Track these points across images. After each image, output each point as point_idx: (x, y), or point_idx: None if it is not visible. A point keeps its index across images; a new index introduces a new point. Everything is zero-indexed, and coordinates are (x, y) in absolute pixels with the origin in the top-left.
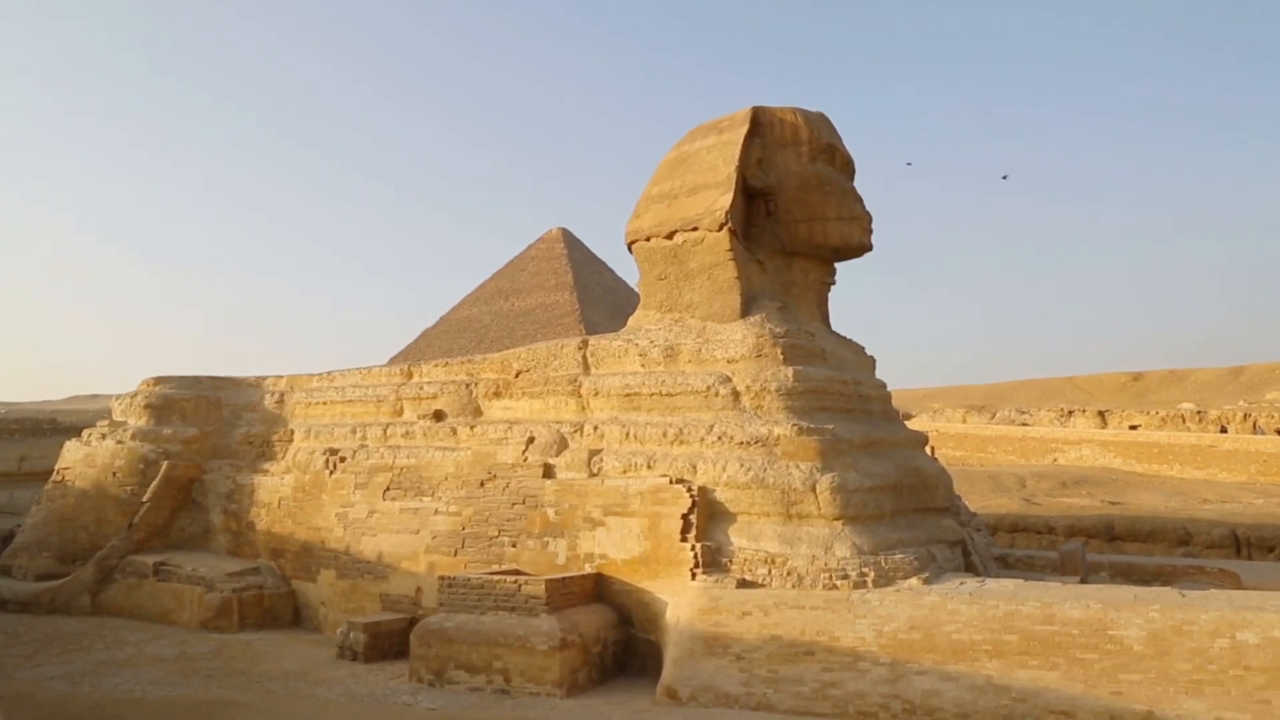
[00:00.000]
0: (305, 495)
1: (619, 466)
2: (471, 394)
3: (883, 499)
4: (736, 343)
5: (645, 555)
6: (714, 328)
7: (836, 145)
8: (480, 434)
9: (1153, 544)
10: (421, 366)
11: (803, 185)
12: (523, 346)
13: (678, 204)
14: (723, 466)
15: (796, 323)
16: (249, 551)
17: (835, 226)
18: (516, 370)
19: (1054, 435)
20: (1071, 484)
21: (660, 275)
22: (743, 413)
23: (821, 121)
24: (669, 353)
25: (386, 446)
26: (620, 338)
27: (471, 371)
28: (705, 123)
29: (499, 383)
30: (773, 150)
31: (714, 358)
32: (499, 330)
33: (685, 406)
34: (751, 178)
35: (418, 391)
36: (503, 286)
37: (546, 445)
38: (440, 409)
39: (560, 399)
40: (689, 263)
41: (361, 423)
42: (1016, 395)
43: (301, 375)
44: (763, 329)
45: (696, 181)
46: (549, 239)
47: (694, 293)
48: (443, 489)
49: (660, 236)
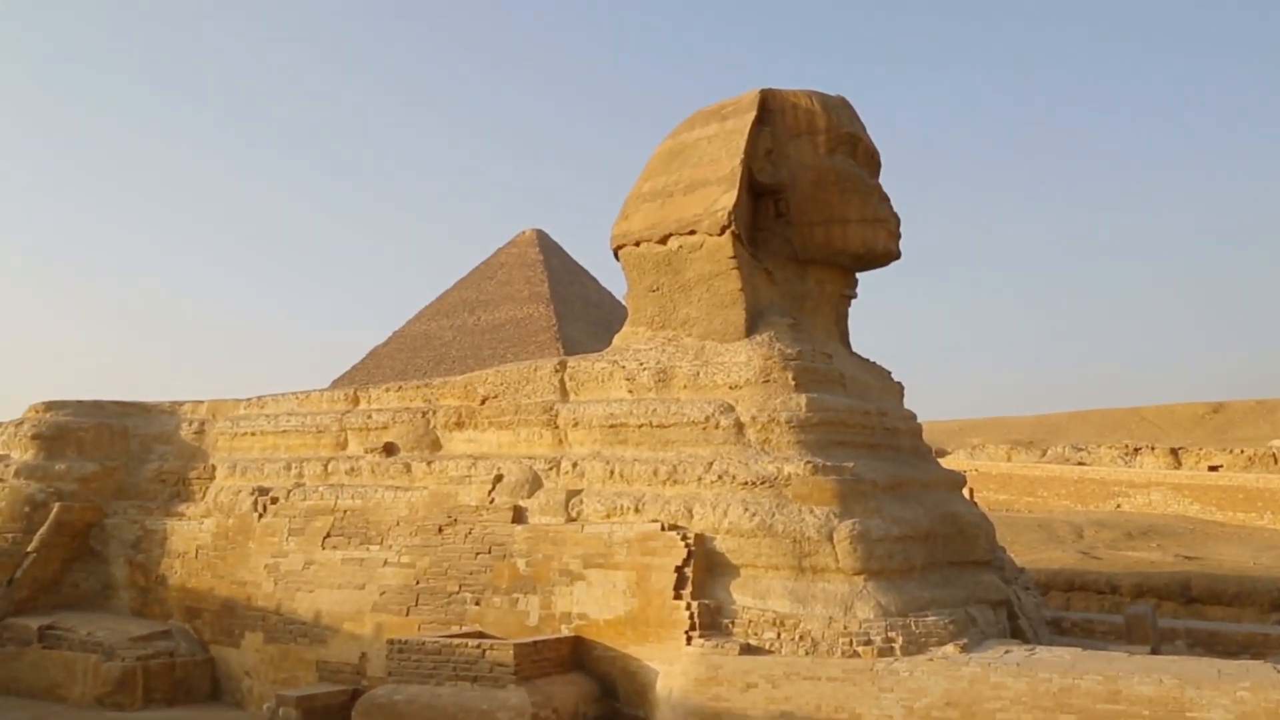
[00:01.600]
0: (229, 543)
1: (602, 510)
2: (429, 424)
3: (912, 550)
4: (740, 365)
5: (632, 615)
6: (714, 348)
7: (859, 135)
8: (439, 471)
9: (1239, 608)
10: (370, 391)
11: (819, 182)
12: (490, 368)
13: (673, 203)
14: (724, 511)
15: (811, 342)
16: (158, 611)
17: (857, 230)
18: (482, 396)
19: (1117, 476)
20: (1139, 534)
21: (652, 286)
22: (747, 448)
23: (841, 107)
24: (661, 376)
25: (327, 485)
26: (604, 359)
27: (429, 397)
28: (706, 108)
29: (461, 411)
30: (784, 141)
31: (714, 383)
32: (462, 349)
33: (680, 440)
34: (759, 173)
35: (365, 421)
36: (467, 298)
37: (517, 485)
38: (391, 441)
39: (533, 430)
40: (685, 272)
41: (298, 457)
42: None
43: (226, 400)
44: (771, 350)
45: (695, 177)
46: (521, 242)
47: (691, 307)
48: (394, 536)
49: (652, 241)
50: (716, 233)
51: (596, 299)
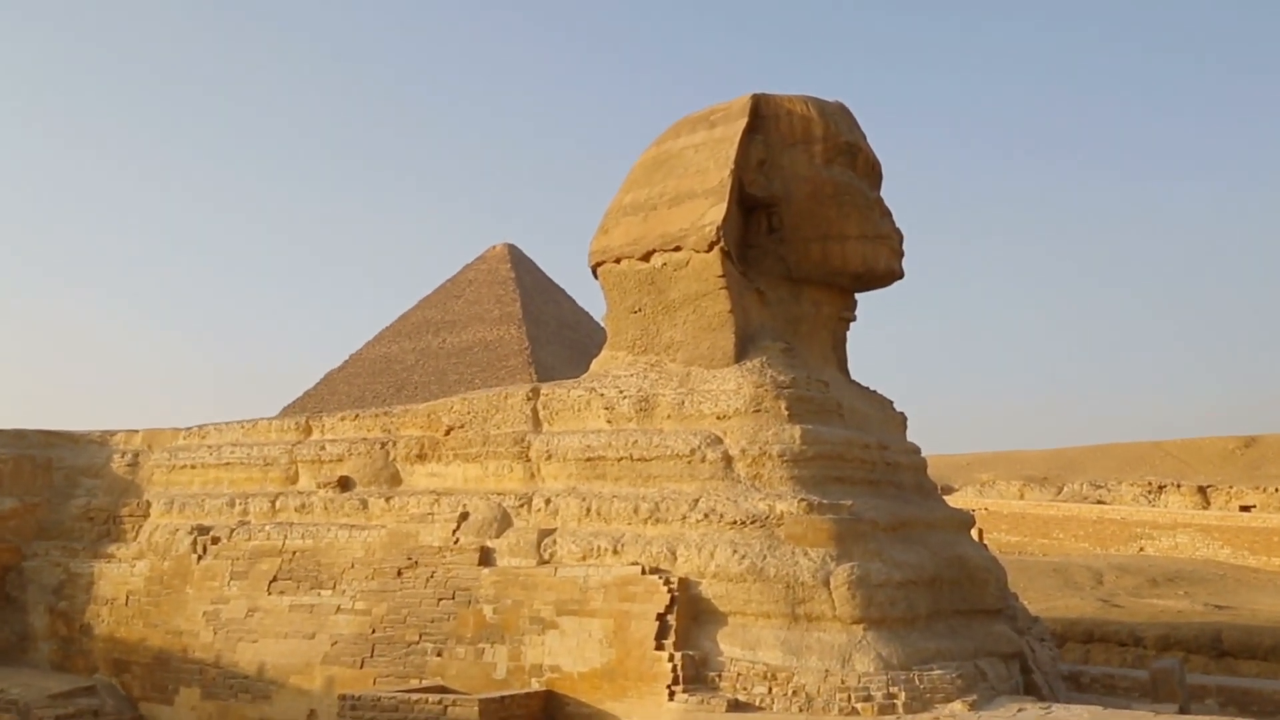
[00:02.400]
0: (163, 588)
1: (577, 551)
2: (388, 456)
3: (916, 597)
4: (729, 394)
5: (609, 667)
6: (701, 374)
7: (859, 144)
8: (398, 508)
9: (1276, 663)
10: (323, 420)
11: (815, 195)
12: (456, 395)
13: (657, 217)
14: (710, 553)
15: (806, 369)
16: (82, 664)
17: (856, 247)
18: (447, 426)
19: (1140, 517)
20: (1164, 581)
21: (633, 307)
22: (736, 483)
23: (840, 114)
24: (643, 405)
25: (275, 524)
26: (581, 386)
27: (389, 427)
28: (693, 114)
29: (424, 442)
30: (778, 150)
31: (700, 413)
32: (426, 373)
33: (663, 475)
34: (750, 184)
35: (318, 452)
36: (431, 318)
37: (484, 523)
38: (347, 475)
39: (503, 464)
40: (670, 291)
41: (242, 492)
42: (1090, 464)
43: (164, 430)
44: (763, 377)
45: (681, 188)
46: (492, 258)
47: (676, 329)
48: (347, 579)
49: (634, 258)
50: (704, 249)
51: (573, 320)
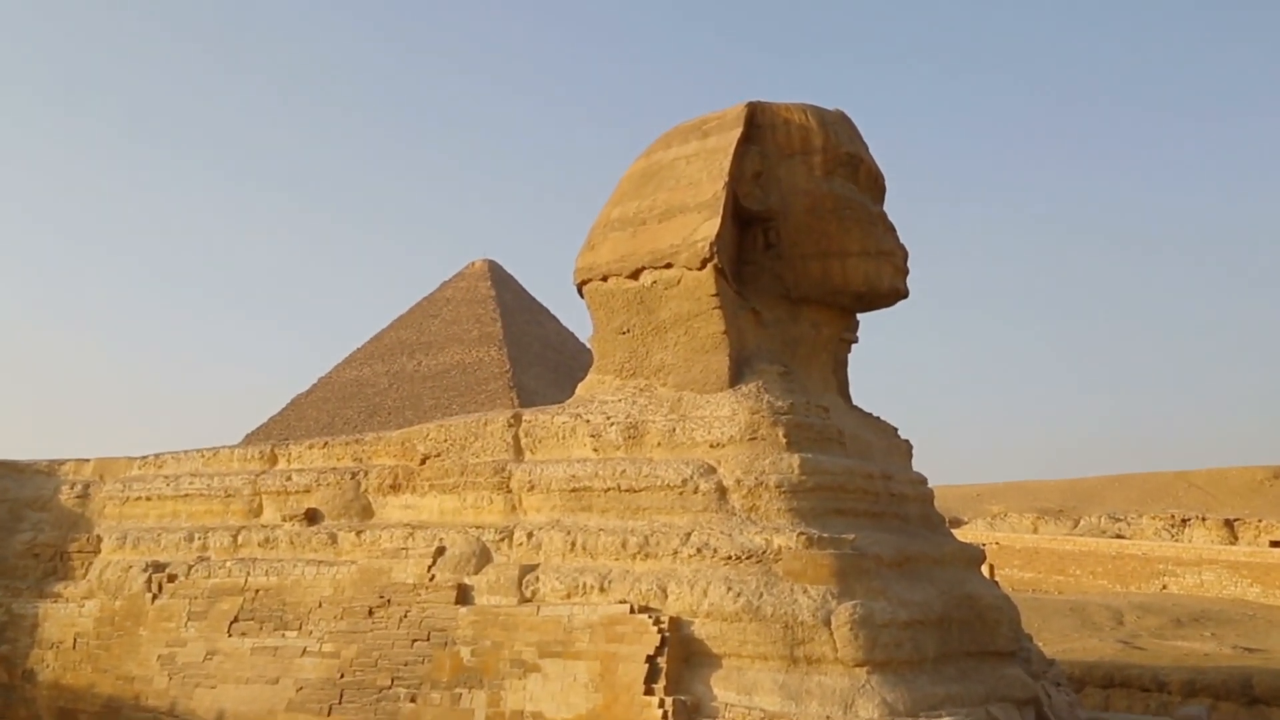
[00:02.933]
0: (115, 630)
1: (561, 589)
2: (359, 487)
3: (923, 639)
4: (724, 420)
5: (595, 713)
6: (693, 400)
7: (860, 155)
8: (370, 542)
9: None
10: (290, 449)
11: (814, 209)
12: (432, 421)
13: (646, 232)
14: (703, 590)
15: (805, 394)
16: (25, 714)
17: (858, 264)
18: (422, 454)
19: (1162, 552)
20: (1189, 621)
21: (621, 328)
22: (731, 516)
23: (840, 124)
24: (632, 433)
25: (236, 560)
26: (566, 412)
27: (360, 456)
28: (685, 123)
29: (398, 472)
30: (775, 161)
31: (693, 440)
32: (399, 398)
33: (653, 506)
34: (746, 198)
35: (283, 483)
36: (406, 339)
37: (462, 558)
38: (315, 508)
39: (482, 495)
40: (660, 311)
41: (201, 526)
42: (1108, 496)
43: (117, 459)
44: (759, 402)
45: (672, 202)
46: (470, 275)
47: (666, 351)
48: (314, 620)
49: (622, 275)
50: (696, 266)
51: (557, 341)
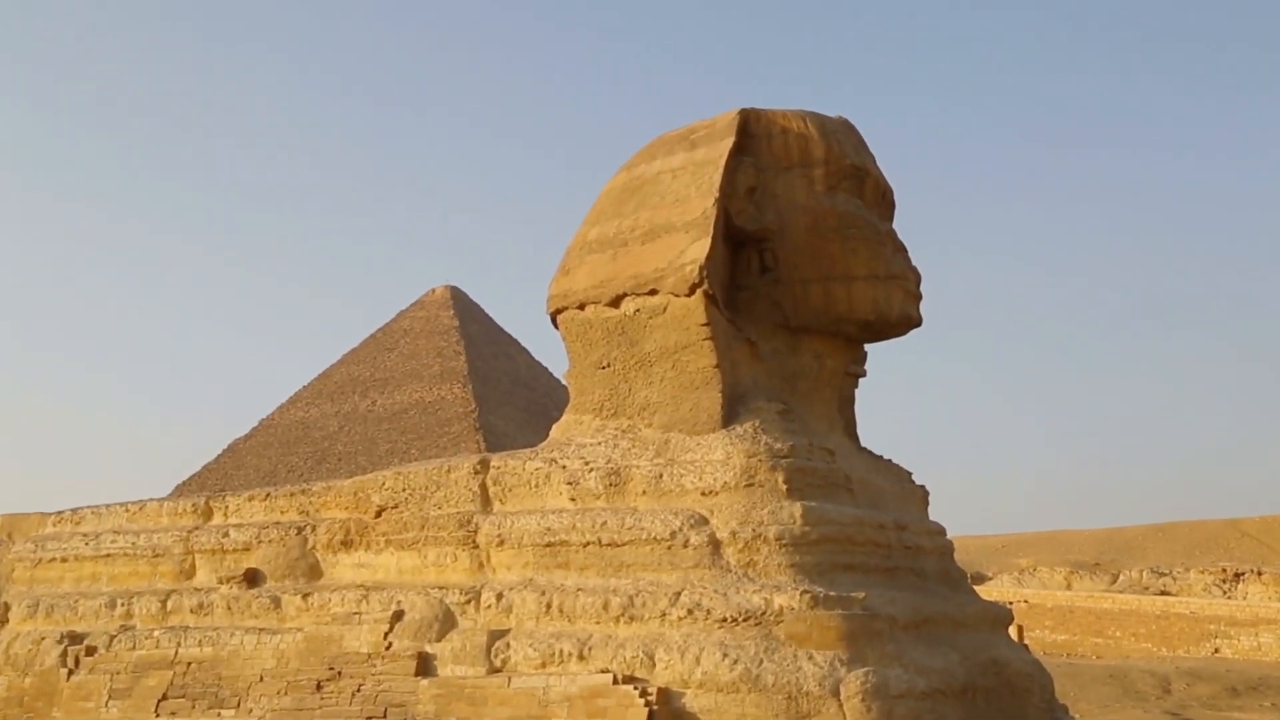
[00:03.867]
0: (24, 712)
1: (536, 657)
2: (306, 544)
3: (944, 710)
4: (716, 464)
5: None
6: (682, 442)
7: (866, 167)
8: (318, 607)
9: None
10: (226, 501)
11: (816, 227)
12: (388, 469)
13: (628, 254)
14: (695, 657)
15: (807, 434)
16: None
17: (864, 289)
18: (378, 506)
19: (1213, 611)
20: (1245, 690)
21: (601, 362)
22: (726, 573)
23: (844, 132)
24: (613, 480)
25: (165, 629)
26: (539, 457)
27: (307, 508)
28: (670, 133)
29: (350, 526)
30: (771, 174)
31: (682, 488)
32: (352, 442)
33: (638, 563)
34: (739, 215)
35: (219, 541)
36: (359, 375)
37: (423, 624)
38: (255, 568)
39: (445, 551)
40: (644, 343)
41: (125, 591)
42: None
43: (27, 515)
44: (756, 444)
45: (656, 220)
46: (431, 304)
47: (652, 388)
48: (255, 696)
49: (601, 303)
50: (684, 292)
51: (528, 377)
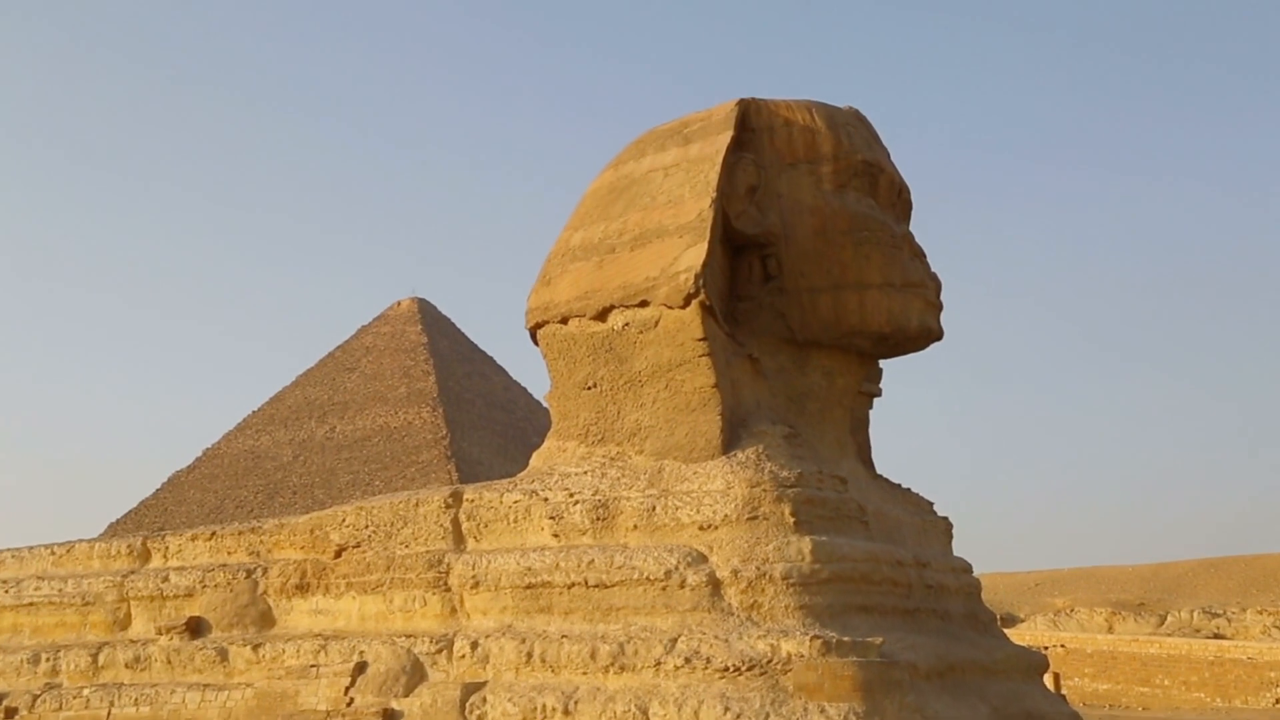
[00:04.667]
0: None
1: (516, 713)
2: (256, 588)
3: None
4: (716, 495)
5: None
6: (677, 471)
7: (880, 163)
8: (271, 659)
9: None
10: (166, 541)
11: (824, 230)
12: (349, 503)
13: (615, 262)
14: (694, 711)
15: (816, 461)
16: None
17: (879, 299)
18: (337, 545)
19: (1274, 656)
20: None
21: (586, 382)
22: (727, 616)
23: (855, 124)
24: (601, 513)
25: (97, 687)
26: (518, 488)
27: (257, 548)
28: (662, 126)
29: (306, 568)
30: (774, 172)
31: (677, 521)
32: (308, 473)
33: (629, 606)
34: (739, 218)
35: (158, 586)
36: (316, 399)
37: (388, 677)
38: (199, 616)
39: (414, 595)
40: (634, 360)
41: (51, 644)
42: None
43: None
44: (759, 472)
45: (647, 224)
46: (396, 317)
47: (643, 411)
48: None
49: (586, 316)
50: (678, 304)
51: (505, 399)
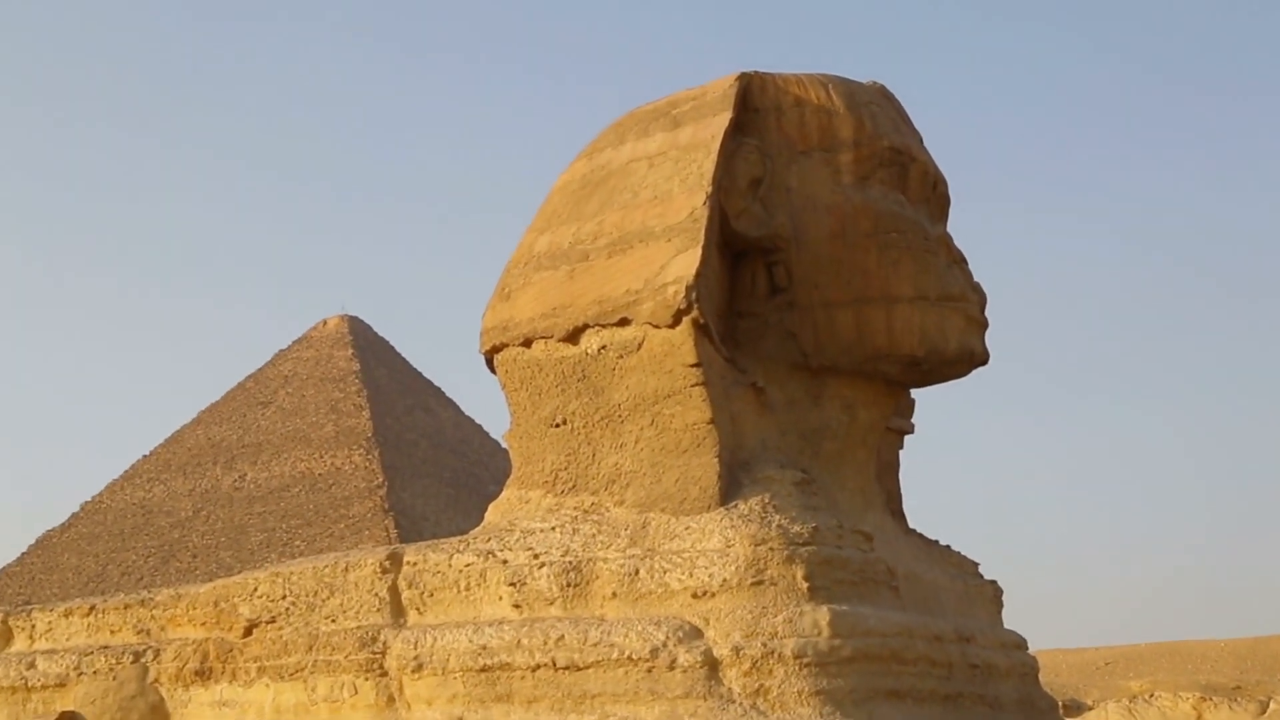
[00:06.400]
0: None
1: None
2: (146, 676)
3: None
4: (713, 556)
5: None
6: (666, 526)
7: (911, 150)
8: None
9: None
10: (33, 617)
11: (843, 233)
12: (263, 569)
13: (590, 272)
14: None
15: (835, 512)
16: None
17: (910, 316)
18: (247, 621)
19: None
20: None
21: (554, 417)
22: (728, 704)
23: (880, 103)
24: (572, 579)
25: None
26: (471, 548)
27: (148, 626)
28: (646, 106)
29: (209, 649)
30: (783, 162)
31: (666, 588)
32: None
33: (607, 692)
34: (739, 218)
35: (22, 674)
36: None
37: None
38: (73, 711)
39: (342, 681)
40: (612, 392)
41: None
42: None
43: None
44: (766, 528)
45: (628, 225)
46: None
47: (623, 453)
48: None
49: (554, 338)
50: (666, 322)
51: (454, 439)
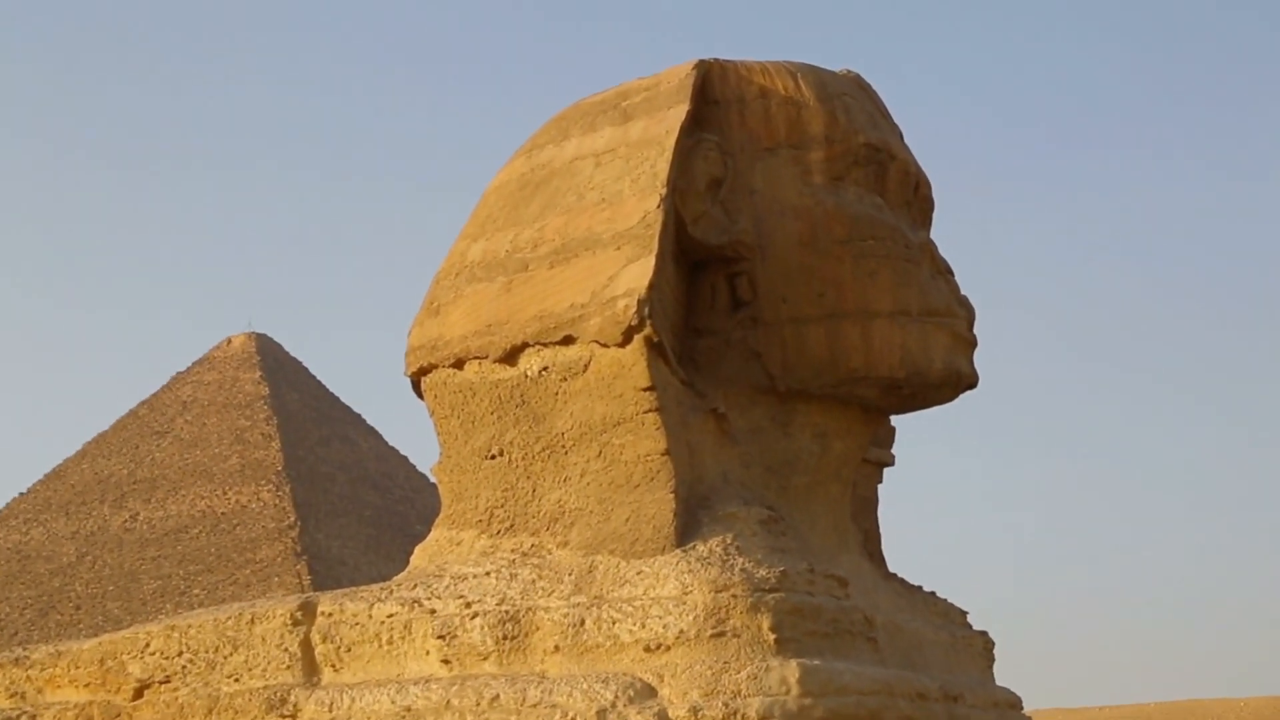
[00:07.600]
0: None
1: None
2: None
3: None
4: (668, 604)
5: None
6: (613, 569)
7: (890, 147)
8: None
9: None
10: None
11: (813, 239)
12: (157, 621)
13: (530, 283)
14: None
15: (805, 555)
16: None
17: (889, 333)
18: (138, 682)
19: None
20: None
21: (489, 448)
22: None
23: (854, 94)
24: (509, 631)
25: None
26: (394, 597)
27: (22, 687)
28: (592, 97)
29: (93, 714)
30: (746, 161)
31: (616, 640)
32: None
33: None
34: (697, 223)
35: None
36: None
37: None
38: None
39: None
40: (555, 419)
41: None
42: None
43: None
44: (727, 572)
45: (573, 232)
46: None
47: (567, 488)
48: None
49: (489, 358)
50: (616, 341)
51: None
